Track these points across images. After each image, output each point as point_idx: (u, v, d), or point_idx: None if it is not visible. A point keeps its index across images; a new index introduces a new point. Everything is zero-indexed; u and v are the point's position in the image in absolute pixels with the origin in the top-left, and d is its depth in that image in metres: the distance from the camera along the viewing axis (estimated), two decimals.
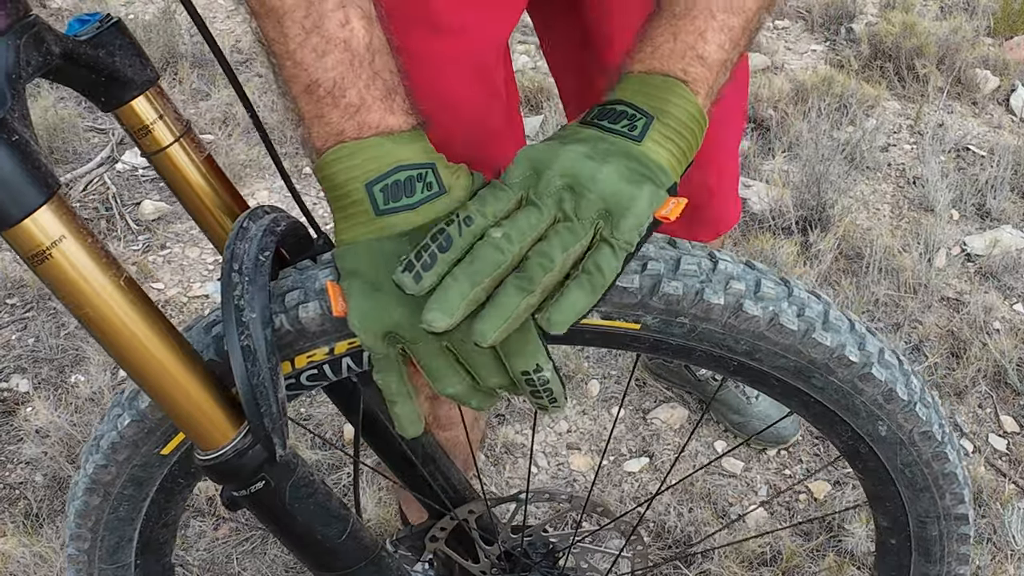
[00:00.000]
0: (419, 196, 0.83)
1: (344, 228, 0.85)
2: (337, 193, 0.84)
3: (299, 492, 0.92)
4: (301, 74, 0.84)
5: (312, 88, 0.84)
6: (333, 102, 0.84)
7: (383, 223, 0.82)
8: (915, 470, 1.06)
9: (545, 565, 1.36)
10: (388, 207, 0.82)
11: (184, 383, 0.84)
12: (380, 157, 0.84)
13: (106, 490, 1.04)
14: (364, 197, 0.83)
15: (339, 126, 0.84)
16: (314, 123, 0.85)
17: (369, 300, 0.83)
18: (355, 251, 0.84)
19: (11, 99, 0.72)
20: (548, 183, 0.82)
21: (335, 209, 0.86)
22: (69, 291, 0.77)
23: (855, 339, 0.98)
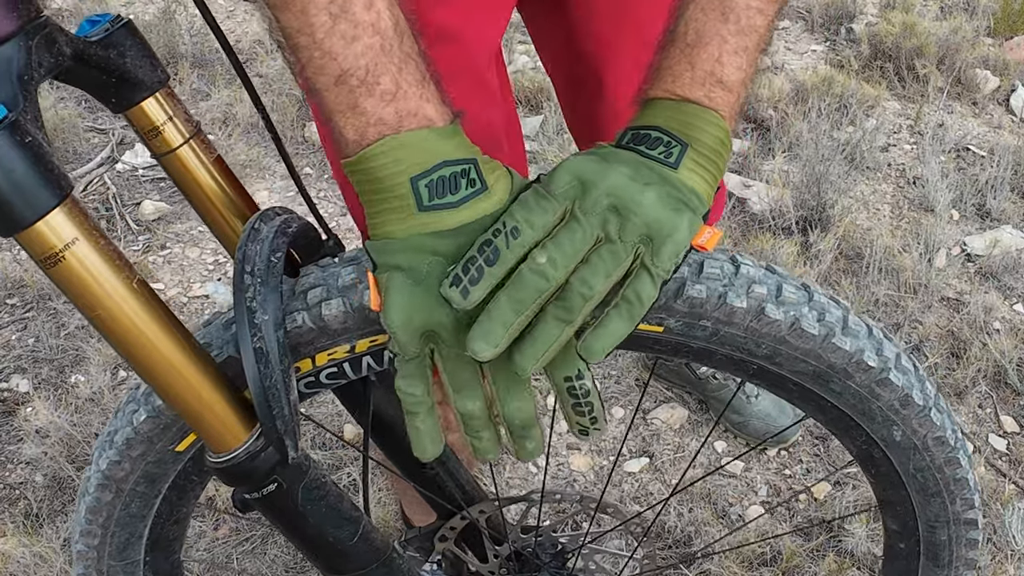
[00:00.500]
0: (463, 193, 0.81)
1: (383, 221, 0.82)
2: (377, 187, 0.81)
3: (311, 494, 0.92)
4: (330, 64, 0.79)
5: (344, 78, 0.80)
6: (367, 90, 0.80)
7: (427, 219, 0.80)
8: (927, 475, 1.06)
9: (554, 566, 1.36)
10: (432, 204, 0.80)
11: (196, 385, 0.84)
12: (425, 151, 0.81)
13: (119, 486, 1.04)
14: (408, 192, 0.80)
15: (376, 115, 0.80)
16: (348, 115, 0.81)
17: (409, 296, 0.81)
18: (396, 245, 0.81)
19: (23, 101, 0.72)
20: (595, 201, 0.81)
21: (371, 202, 0.82)
22: (82, 293, 0.76)
23: (873, 344, 0.98)
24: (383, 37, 0.80)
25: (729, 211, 2.87)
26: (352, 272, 0.93)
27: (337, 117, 0.81)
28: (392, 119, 0.80)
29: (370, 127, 0.80)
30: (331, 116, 0.81)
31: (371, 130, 0.80)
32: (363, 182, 0.82)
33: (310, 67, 0.80)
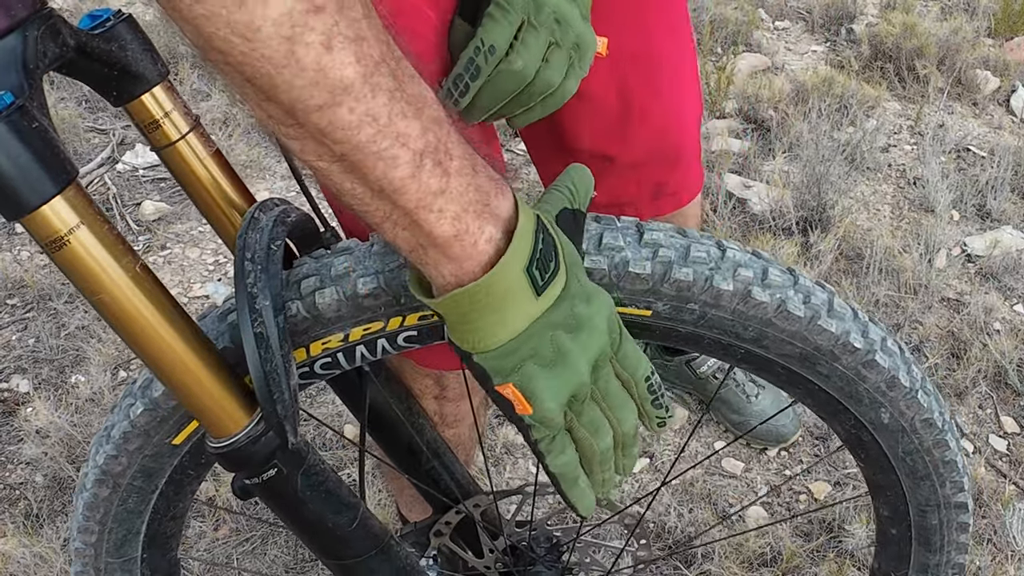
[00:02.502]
0: (555, 254, 0.79)
1: (497, 330, 0.77)
2: (490, 299, 0.76)
3: (310, 480, 0.92)
4: (401, 152, 0.69)
5: (421, 162, 0.71)
6: (444, 169, 0.72)
7: (544, 300, 0.78)
8: (916, 458, 1.07)
9: (549, 560, 1.36)
10: (545, 283, 0.77)
11: (197, 370, 0.84)
12: (525, 233, 0.76)
13: (116, 481, 1.04)
14: (525, 284, 0.76)
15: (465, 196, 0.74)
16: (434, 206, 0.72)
17: (551, 376, 0.80)
18: (519, 343, 0.78)
19: (29, 88, 0.73)
20: (547, 15, 1.02)
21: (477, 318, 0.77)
22: (85, 278, 0.77)
23: (859, 327, 0.99)
24: (434, 106, 0.72)
25: (729, 211, 2.88)
26: (345, 262, 0.94)
27: (422, 214, 0.72)
28: (478, 200, 0.75)
29: (465, 215, 0.74)
30: (413, 215, 0.73)
31: (468, 220, 0.74)
32: (476, 302, 0.76)
33: (379, 164, 0.69)
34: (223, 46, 0.63)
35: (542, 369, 0.79)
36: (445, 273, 0.76)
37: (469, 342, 0.79)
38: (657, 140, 1.49)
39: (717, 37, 3.82)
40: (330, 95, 0.65)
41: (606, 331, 0.83)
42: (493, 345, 0.78)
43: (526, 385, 0.79)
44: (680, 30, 1.49)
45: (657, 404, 0.88)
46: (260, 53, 0.63)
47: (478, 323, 0.77)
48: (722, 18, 3.86)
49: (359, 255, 0.94)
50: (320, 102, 0.65)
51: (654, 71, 1.43)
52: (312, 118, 0.66)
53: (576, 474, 0.87)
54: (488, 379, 0.80)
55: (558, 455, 0.85)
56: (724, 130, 3.26)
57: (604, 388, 0.85)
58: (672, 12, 1.45)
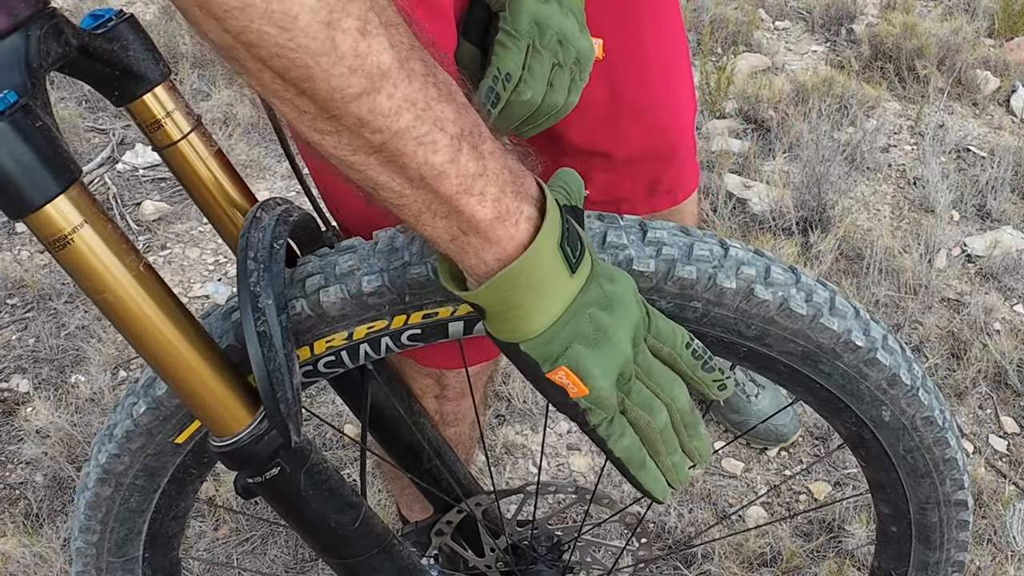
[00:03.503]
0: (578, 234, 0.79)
1: (537, 315, 0.77)
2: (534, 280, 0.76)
3: (313, 479, 0.92)
4: (440, 137, 0.69)
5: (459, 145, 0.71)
6: (480, 153, 0.72)
7: (577, 279, 0.78)
8: (917, 456, 1.08)
9: (550, 559, 1.36)
10: (576, 258, 0.78)
11: (200, 369, 0.85)
12: (554, 211, 0.77)
13: (118, 480, 1.04)
14: (559, 261, 0.76)
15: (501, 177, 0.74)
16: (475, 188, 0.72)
17: (599, 354, 0.80)
18: (561, 326, 0.78)
19: (32, 87, 0.73)
20: (549, 38, 1.04)
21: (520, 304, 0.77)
22: (89, 277, 0.77)
23: (860, 325, 1.00)
24: (460, 92, 0.73)
25: (729, 211, 2.88)
26: (350, 260, 0.94)
27: (463, 199, 0.73)
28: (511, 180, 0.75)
29: (504, 195, 0.74)
30: (454, 201, 0.72)
31: (508, 200, 0.75)
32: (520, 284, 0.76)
33: (419, 151, 0.69)
34: (255, 39, 0.62)
35: (587, 348, 0.79)
36: (487, 259, 0.76)
37: (513, 331, 0.79)
38: (651, 137, 1.49)
39: (717, 37, 3.82)
40: (369, 81, 0.65)
41: (636, 306, 0.83)
42: (537, 331, 0.78)
43: (577, 365, 0.79)
44: (672, 27, 1.49)
45: (709, 368, 0.87)
46: (297, 42, 0.62)
47: (519, 309, 0.77)
48: (722, 18, 3.87)
49: (364, 253, 0.94)
50: (359, 89, 0.65)
51: (646, 68, 1.43)
52: (351, 108, 0.66)
53: (642, 456, 0.86)
54: (537, 367, 0.80)
55: (619, 438, 0.84)
56: (724, 130, 3.26)
57: (646, 367, 0.85)
58: (663, 9, 1.46)
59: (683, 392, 0.87)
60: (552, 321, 0.78)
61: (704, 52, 3.68)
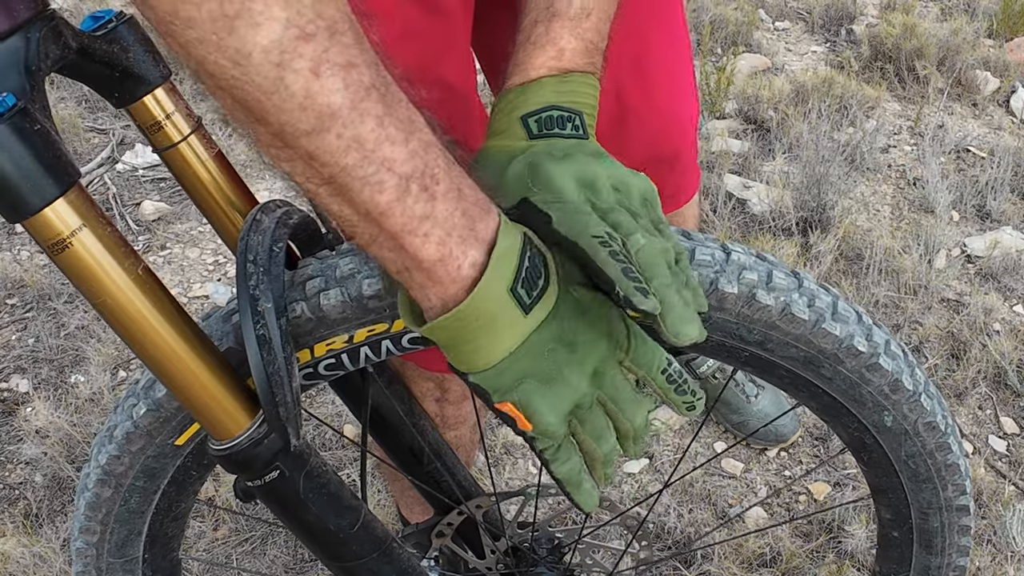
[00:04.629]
0: (543, 272, 0.79)
1: (488, 351, 0.77)
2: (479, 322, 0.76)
3: (312, 482, 0.92)
4: (387, 177, 0.70)
5: (407, 187, 0.71)
6: (431, 194, 0.72)
7: (533, 318, 0.78)
8: (919, 461, 1.07)
9: (551, 561, 1.36)
10: (534, 299, 0.77)
11: (199, 372, 0.84)
12: (510, 253, 0.76)
13: (118, 481, 1.04)
14: (511, 304, 0.76)
15: (449, 221, 0.74)
16: (419, 230, 0.73)
17: (550, 392, 0.80)
18: (513, 362, 0.78)
19: (31, 90, 0.73)
20: (607, 191, 0.85)
21: (468, 340, 0.77)
22: (87, 280, 0.77)
23: (863, 330, 0.99)
24: (423, 131, 0.73)
25: (729, 212, 2.88)
26: (350, 263, 0.94)
27: (408, 239, 0.73)
28: (464, 224, 0.75)
29: (449, 240, 0.74)
30: (398, 239, 0.73)
31: (452, 245, 0.74)
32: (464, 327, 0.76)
33: (365, 189, 0.70)
34: (214, 70, 0.64)
35: (540, 385, 0.80)
36: (431, 296, 0.76)
37: (463, 363, 0.79)
38: (654, 143, 1.49)
39: (717, 37, 3.82)
40: (318, 121, 0.66)
41: (605, 341, 0.83)
42: (487, 365, 0.78)
43: (525, 402, 0.80)
44: (676, 32, 1.49)
45: (681, 391, 0.87)
46: (250, 78, 0.64)
47: (468, 345, 0.77)
48: (722, 18, 3.86)
49: (364, 256, 0.94)
50: (308, 127, 0.67)
51: (651, 75, 1.43)
52: (300, 142, 0.68)
53: (580, 479, 0.87)
54: (487, 396, 0.81)
55: (563, 463, 0.85)
56: (724, 130, 3.25)
57: (612, 391, 0.85)
58: (668, 15, 1.46)
59: (641, 412, 0.87)
60: (502, 357, 0.78)
61: (704, 52, 3.68)
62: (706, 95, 3.36)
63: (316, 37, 0.64)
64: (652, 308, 0.75)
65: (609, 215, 0.82)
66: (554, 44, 0.93)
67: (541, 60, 0.93)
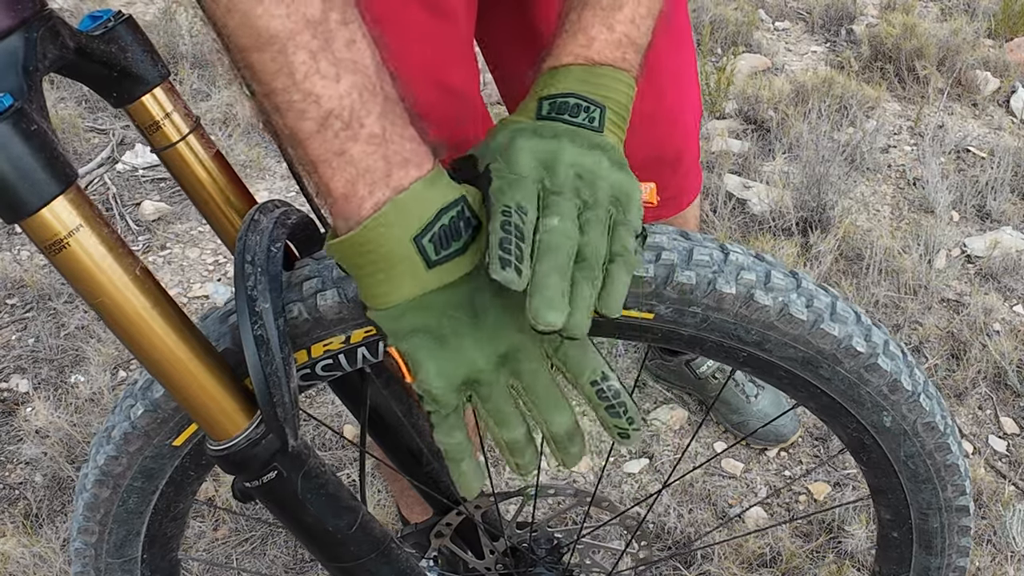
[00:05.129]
0: (465, 237, 0.80)
1: (387, 291, 0.80)
2: (375, 258, 0.78)
3: (311, 482, 0.92)
4: (311, 108, 0.75)
5: (328, 122, 0.75)
6: (352, 135, 0.76)
7: (437, 275, 0.79)
8: (918, 461, 1.07)
9: (550, 561, 1.36)
10: (440, 257, 0.79)
11: (197, 373, 0.84)
12: (421, 206, 0.78)
13: (116, 482, 1.04)
14: (413, 252, 0.78)
15: (364, 163, 0.77)
16: (333, 163, 0.77)
17: (442, 354, 0.81)
18: (409, 309, 0.80)
19: (28, 90, 0.73)
20: (564, 176, 0.83)
21: (369, 273, 0.80)
22: (85, 280, 0.77)
23: (861, 330, 0.99)
24: (366, 76, 0.77)
25: (729, 212, 2.88)
26: None
27: (322, 168, 0.78)
28: (381, 168, 0.78)
29: (360, 180, 0.77)
30: (315, 167, 0.78)
31: (360, 185, 0.77)
32: (358, 255, 0.79)
33: (290, 113, 0.76)
34: None
35: (432, 344, 0.81)
36: (337, 224, 0.80)
37: (365, 297, 0.82)
38: (657, 144, 1.49)
39: (717, 37, 3.82)
40: (255, 40, 0.74)
41: (518, 324, 0.82)
42: (384, 304, 0.81)
43: (411, 354, 0.82)
44: (681, 35, 1.49)
45: (613, 413, 0.86)
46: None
47: (367, 279, 0.80)
48: (722, 18, 3.86)
49: None
50: (246, 43, 0.74)
51: (656, 79, 1.43)
52: (243, 55, 0.75)
53: (461, 456, 0.87)
54: (384, 337, 0.83)
55: (445, 433, 0.86)
56: (724, 130, 3.25)
57: (529, 382, 0.85)
58: (674, 19, 1.45)
59: (561, 418, 0.86)
60: (399, 301, 0.80)
61: (704, 52, 3.68)
62: (706, 95, 3.36)
63: None
64: (503, 279, 0.75)
65: (548, 196, 0.82)
66: (585, 33, 0.93)
67: (570, 48, 0.93)
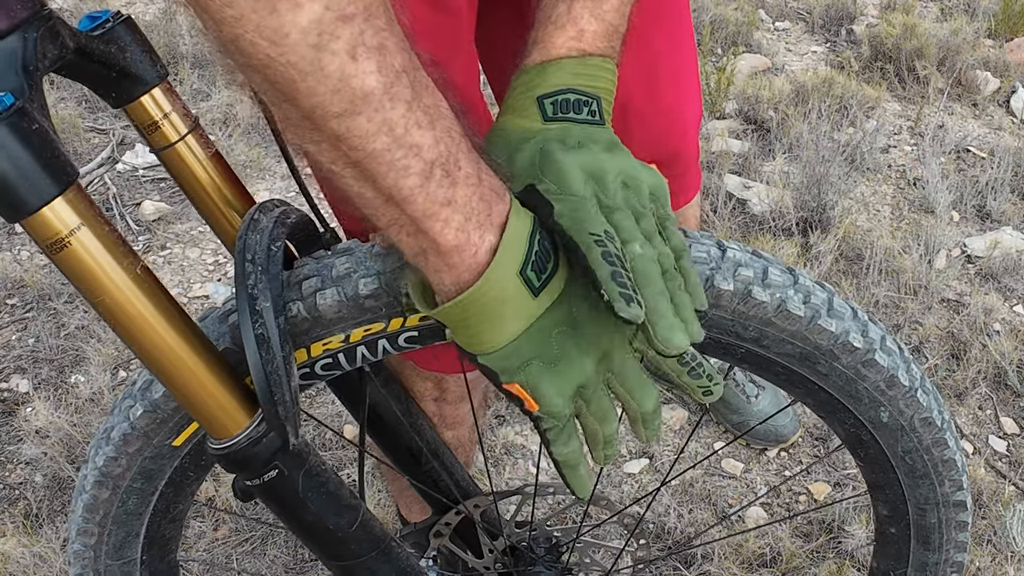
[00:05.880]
0: (553, 256, 0.80)
1: (496, 333, 0.79)
2: (486, 301, 0.77)
3: (311, 481, 0.92)
4: (413, 162, 0.71)
5: (431, 173, 0.72)
6: (453, 180, 0.73)
7: (542, 301, 0.79)
8: (915, 457, 1.07)
9: (549, 560, 1.36)
10: (543, 282, 0.79)
11: (198, 372, 0.84)
12: (520, 237, 0.77)
13: (115, 483, 1.04)
14: (520, 285, 0.77)
15: (468, 207, 0.75)
16: (441, 215, 0.74)
17: (557, 377, 0.82)
18: (521, 344, 0.80)
19: (29, 90, 0.73)
20: (615, 187, 0.83)
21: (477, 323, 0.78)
22: (86, 279, 0.77)
23: (858, 326, 0.99)
24: (449, 116, 0.74)
25: (729, 212, 2.88)
26: (347, 263, 0.94)
27: (429, 223, 0.74)
28: (483, 209, 0.76)
29: (469, 225, 0.75)
30: (419, 223, 0.74)
31: (472, 231, 0.75)
32: (477, 307, 0.77)
33: (391, 174, 0.71)
34: (248, 49, 0.64)
35: (547, 367, 0.81)
36: (445, 280, 0.77)
37: (472, 345, 0.81)
38: (655, 144, 1.49)
39: (717, 37, 3.82)
40: (350, 104, 0.67)
41: (612, 324, 0.83)
42: (496, 347, 0.80)
43: (532, 384, 0.81)
44: (682, 34, 1.49)
45: (695, 375, 0.89)
46: (286, 59, 0.64)
47: (478, 328, 0.79)
48: (722, 18, 3.86)
49: (360, 256, 0.94)
50: (340, 110, 0.67)
51: (656, 79, 1.43)
52: (331, 124, 0.68)
53: (578, 461, 0.88)
54: (496, 377, 0.82)
55: (564, 444, 0.86)
56: (724, 130, 3.26)
57: (620, 371, 0.86)
58: (673, 15, 1.45)
59: (650, 396, 0.88)
60: (511, 339, 0.80)
61: (704, 52, 3.68)
62: (706, 95, 3.36)
63: (354, 19, 0.65)
64: (632, 317, 0.76)
65: (612, 215, 0.81)
66: (575, 24, 0.93)
67: (561, 40, 0.93)
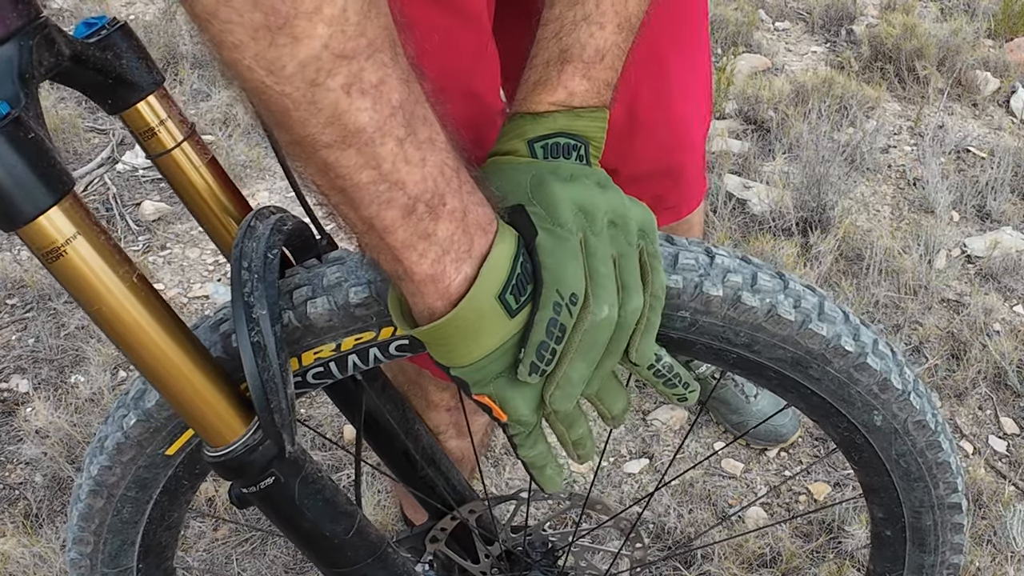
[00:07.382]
0: (531, 281, 0.81)
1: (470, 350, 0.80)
2: (462, 324, 0.78)
3: (308, 488, 0.92)
4: (397, 196, 0.72)
5: (414, 208, 0.73)
6: (436, 215, 0.74)
7: (517, 321, 0.80)
8: (909, 460, 1.07)
9: (545, 564, 1.36)
10: (520, 304, 0.80)
11: (194, 379, 0.84)
12: (501, 264, 0.78)
13: (110, 492, 1.04)
14: (497, 308, 0.79)
15: (448, 241, 0.75)
16: (418, 248, 0.75)
17: (525, 388, 0.84)
18: (493, 359, 0.81)
19: (24, 98, 0.73)
20: (601, 223, 0.84)
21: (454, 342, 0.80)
22: (82, 288, 0.77)
23: (850, 330, 0.99)
24: (445, 150, 0.74)
25: (729, 212, 2.88)
26: (337, 272, 0.94)
27: (406, 253, 0.75)
28: (464, 242, 0.77)
29: (446, 258, 0.76)
30: (397, 253, 0.75)
31: (448, 263, 0.76)
32: (451, 330, 0.79)
33: (372, 205, 0.72)
34: (245, 74, 0.65)
35: (513, 382, 0.84)
36: (419, 305, 0.79)
37: (445, 359, 0.82)
38: (661, 156, 1.49)
39: (717, 37, 3.82)
40: (341, 137, 0.67)
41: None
42: (468, 363, 0.81)
43: (500, 396, 0.84)
44: (698, 53, 1.48)
45: (670, 384, 0.92)
46: (281, 89, 0.65)
47: (452, 345, 0.80)
48: (722, 18, 3.86)
49: (351, 265, 0.94)
50: (330, 141, 0.67)
51: (667, 91, 1.42)
52: (320, 153, 0.69)
53: (545, 462, 0.92)
54: (467, 387, 0.84)
55: (530, 448, 0.89)
56: (724, 130, 3.26)
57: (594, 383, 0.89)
58: (692, 38, 1.45)
59: (621, 403, 0.93)
60: (483, 355, 0.81)
61: None
62: None
63: (355, 57, 0.65)
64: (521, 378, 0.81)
65: (592, 258, 0.82)
66: (565, 88, 0.95)
67: (551, 99, 0.95)
